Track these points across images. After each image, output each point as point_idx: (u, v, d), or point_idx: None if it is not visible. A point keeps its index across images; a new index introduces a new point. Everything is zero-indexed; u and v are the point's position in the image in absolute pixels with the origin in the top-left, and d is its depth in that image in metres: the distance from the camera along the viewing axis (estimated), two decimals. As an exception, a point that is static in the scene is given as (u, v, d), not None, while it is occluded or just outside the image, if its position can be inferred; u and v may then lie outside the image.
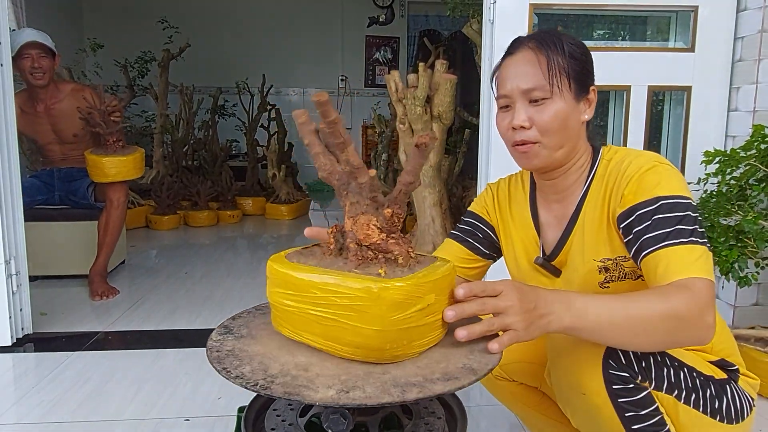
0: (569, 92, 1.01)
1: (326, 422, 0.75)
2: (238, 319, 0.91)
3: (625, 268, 1.03)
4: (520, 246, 1.18)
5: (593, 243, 1.04)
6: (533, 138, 1.02)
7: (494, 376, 1.22)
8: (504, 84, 1.04)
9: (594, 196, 1.05)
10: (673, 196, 0.93)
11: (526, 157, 1.04)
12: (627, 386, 0.91)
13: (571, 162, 1.07)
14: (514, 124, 1.02)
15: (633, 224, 0.94)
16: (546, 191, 1.13)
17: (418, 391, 0.68)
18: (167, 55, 4.99)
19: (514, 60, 1.03)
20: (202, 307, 2.58)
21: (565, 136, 1.02)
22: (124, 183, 2.78)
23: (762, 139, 1.70)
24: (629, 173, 0.98)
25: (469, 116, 4.00)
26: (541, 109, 1.00)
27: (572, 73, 1.01)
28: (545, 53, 1.00)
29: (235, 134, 5.99)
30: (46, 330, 2.27)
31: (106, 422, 1.56)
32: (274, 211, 4.94)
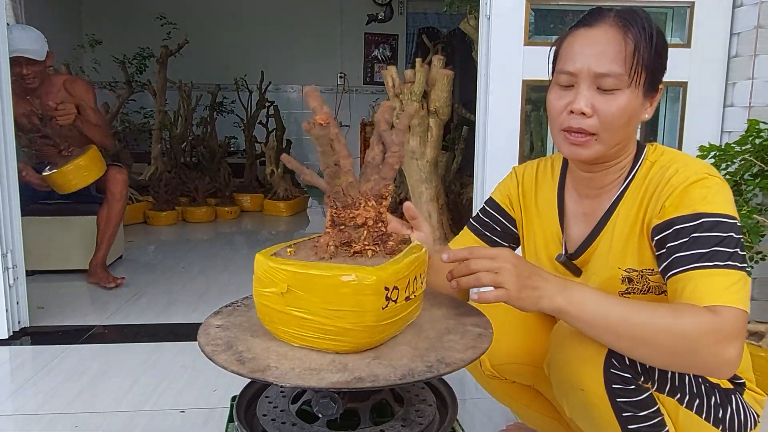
0: (642, 87, 0.90)
1: (316, 406, 0.75)
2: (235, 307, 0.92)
3: (650, 281, 0.96)
4: (541, 240, 1.12)
5: (620, 249, 0.97)
6: (591, 128, 0.91)
7: (487, 376, 1.19)
8: (572, 59, 0.91)
9: (631, 198, 0.97)
10: (717, 213, 0.85)
11: (578, 147, 0.94)
12: (628, 387, 0.89)
13: (617, 159, 0.98)
14: (574, 108, 0.90)
15: (668, 238, 0.87)
16: (580, 184, 1.05)
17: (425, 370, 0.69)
18: (165, 51, 4.98)
19: (591, 34, 0.90)
20: (199, 301, 2.58)
21: (625, 133, 0.93)
22: (124, 174, 2.79)
23: (757, 134, 1.70)
24: (674, 183, 0.90)
25: (467, 113, 4.00)
26: (610, 100, 0.89)
27: (651, 66, 0.89)
28: (633, 37, 0.87)
29: (233, 131, 5.98)
30: (42, 323, 2.28)
31: (102, 413, 1.57)
32: (272, 207, 4.94)
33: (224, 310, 0.93)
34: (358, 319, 0.69)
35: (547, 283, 0.81)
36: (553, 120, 0.96)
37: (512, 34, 2.06)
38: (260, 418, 0.83)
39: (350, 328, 0.70)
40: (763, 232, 1.65)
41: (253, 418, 0.87)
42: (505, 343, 1.13)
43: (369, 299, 0.69)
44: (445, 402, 0.91)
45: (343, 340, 0.71)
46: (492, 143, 2.12)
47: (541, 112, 2.59)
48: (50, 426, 1.50)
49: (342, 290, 0.68)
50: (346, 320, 0.69)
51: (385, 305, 0.70)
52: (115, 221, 2.79)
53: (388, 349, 0.76)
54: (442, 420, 0.86)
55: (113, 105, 4.82)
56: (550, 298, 0.80)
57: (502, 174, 2.13)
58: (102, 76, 5.43)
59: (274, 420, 0.83)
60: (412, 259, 0.76)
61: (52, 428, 1.49)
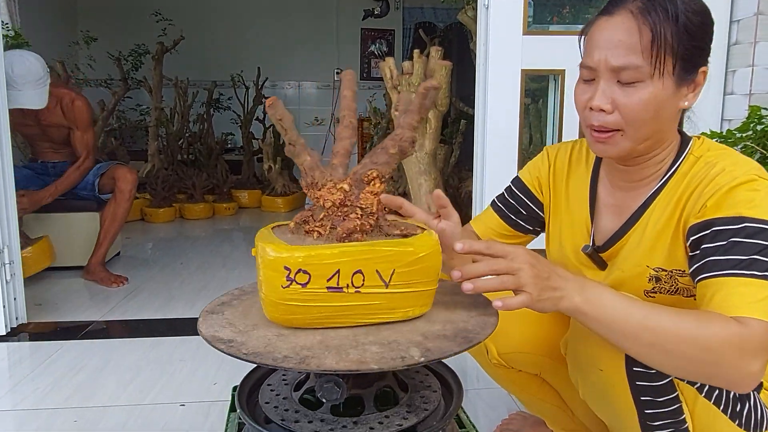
0: (671, 75, 0.83)
1: (320, 391, 0.74)
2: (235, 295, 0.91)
3: (679, 282, 0.91)
4: (568, 229, 1.06)
5: (650, 246, 0.92)
6: (614, 125, 0.86)
7: (493, 364, 1.17)
8: (591, 52, 0.86)
9: (669, 194, 0.91)
10: (763, 220, 0.78)
11: (602, 144, 0.89)
12: (649, 371, 0.85)
13: (653, 152, 0.91)
14: (593, 105, 0.85)
15: (704, 240, 0.81)
16: (614, 175, 0.99)
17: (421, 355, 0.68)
18: (161, 48, 4.95)
19: (609, 24, 0.85)
20: (198, 296, 2.57)
21: (655, 127, 0.86)
22: (134, 174, 2.78)
23: (758, 120, 1.69)
24: (719, 182, 0.83)
25: (466, 107, 3.99)
26: (631, 93, 0.83)
27: (681, 51, 0.82)
28: (650, 24, 0.81)
29: (230, 128, 5.96)
30: (40, 320, 2.26)
31: (101, 408, 1.55)
32: (270, 203, 4.92)
33: (223, 299, 0.91)
34: (266, 292, 0.73)
35: (566, 283, 0.77)
36: (579, 115, 0.92)
37: (511, 24, 2.05)
38: (263, 405, 0.82)
39: (263, 299, 0.75)
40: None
41: (256, 406, 0.85)
42: (513, 332, 1.12)
43: (270, 274, 0.71)
44: (450, 388, 0.90)
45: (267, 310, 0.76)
46: (492, 133, 2.11)
47: (539, 105, 2.58)
48: (50, 421, 1.49)
49: (260, 262, 0.73)
50: (263, 291, 0.74)
51: (286, 285, 0.70)
52: (120, 219, 2.78)
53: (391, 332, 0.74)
54: (447, 406, 0.85)
55: (109, 102, 4.79)
56: (570, 298, 0.76)
57: (503, 161, 2.14)
58: (97, 73, 5.39)
59: (277, 407, 0.81)
60: (366, 250, 0.72)
61: (52, 423, 1.48)
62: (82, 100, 2.73)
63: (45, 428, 1.45)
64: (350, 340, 0.72)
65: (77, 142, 2.75)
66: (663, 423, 0.89)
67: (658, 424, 0.90)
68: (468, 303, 0.87)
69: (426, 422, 0.79)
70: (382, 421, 0.77)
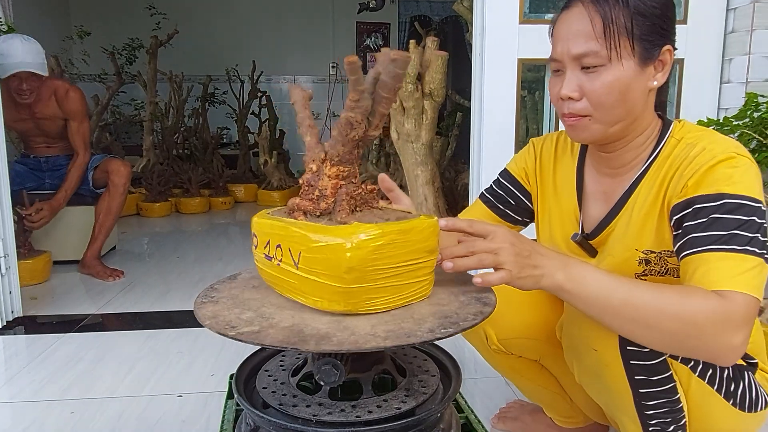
0: (631, 56, 0.86)
1: (318, 373, 0.73)
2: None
3: (668, 263, 0.93)
4: (557, 218, 1.08)
5: (638, 230, 0.94)
6: (583, 111, 0.89)
7: (493, 351, 1.17)
8: (555, 45, 0.92)
9: (652, 177, 0.93)
10: (741, 196, 0.80)
11: (573, 130, 0.92)
12: (643, 349, 0.87)
13: (631, 136, 0.93)
14: (562, 95, 0.90)
15: (686, 218, 0.83)
16: (599, 162, 1.01)
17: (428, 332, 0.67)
18: (155, 42, 4.92)
19: (567, 17, 0.90)
20: (195, 289, 2.55)
21: (624, 109, 0.88)
22: (128, 167, 2.77)
23: (755, 108, 1.69)
24: (699, 161, 0.85)
25: (462, 99, 3.98)
26: (593, 78, 0.87)
27: (638, 32, 0.85)
28: (601, 11, 0.86)
29: (225, 122, 5.94)
30: (36, 313, 2.25)
31: (98, 400, 1.55)
32: (266, 197, 4.91)
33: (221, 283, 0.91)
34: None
35: (548, 260, 0.79)
36: (555, 107, 0.96)
37: (507, 13, 2.04)
38: (260, 390, 0.82)
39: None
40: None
41: (253, 392, 0.85)
42: (512, 318, 1.12)
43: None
44: (448, 373, 0.90)
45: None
46: (488, 124, 2.10)
47: (536, 97, 2.57)
48: (46, 412, 1.48)
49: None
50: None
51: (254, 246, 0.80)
52: (114, 213, 2.77)
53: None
54: (446, 390, 0.85)
55: (103, 97, 4.76)
56: (551, 276, 0.78)
57: (501, 148, 2.13)
58: (91, 68, 5.36)
59: (275, 392, 0.81)
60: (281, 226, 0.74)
61: (48, 414, 1.47)
62: (76, 91, 2.74)
63: (41, 420, 1.44)
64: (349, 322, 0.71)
65: (74, 133, 2.74)
66: (658, 402, 0.90)
67: (652, 403, 0.91)
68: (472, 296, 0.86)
69: (424, 405, 0.79)
70: (380, 404, 0.77)
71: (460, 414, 0.93)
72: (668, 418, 0.92)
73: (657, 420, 0.92)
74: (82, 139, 2.76)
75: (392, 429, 0.74)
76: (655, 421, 0.93)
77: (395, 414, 0.75)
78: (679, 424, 0.93)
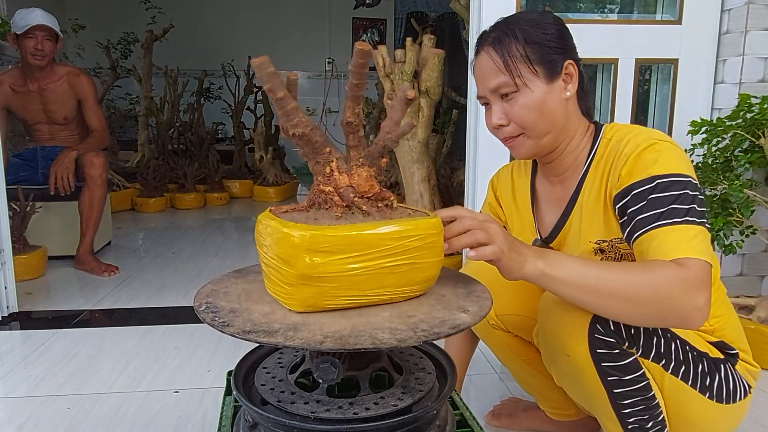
0: (537, 78, 0.98)
1: (316, 371, 0.74)
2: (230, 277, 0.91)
3: (620, 249, 1.01)
4: (520, 232, 1.18)
5: (589, 224, 1.03)
6: (514, 132, 1.01)
7: (491, 326, 1.24)
8: (477, 85, 1.05)
9: (593, 176, 1.02)
10: (670, 174, 0.89)
11: (514, 149, 1.04)
12: (612, 351, 0.92)
13: (563, 144, 1.04)
14: (493, 124, 1.02)
15: (628, 204, 0.92)
16: (547, 172, 1.12)
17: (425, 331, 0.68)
18: (150, 36, 4.90)
19: (478, 62, 1.03)
20: (190, 285, 2.56)
21: (547, 122, 1.00)
22: (102, 158, 2.75)
23: (748, 108, 1.71)
24: (626, 152, 0.95)
25: (458, 97, 3.99)
26: (513, 103, 0.99)
27: (534, 57, 0.98)
28: (499, 51, 0.99)
29: (221, 117, 5.92)
30: (31, 308, 2.25)
31: (94, 395, 1.55)
32: (262, 193, 4.91)
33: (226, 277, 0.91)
34: None
35: (528, 249, 0.86)
36: (494, 135, 1.07)
37: (504, 11, 2.04)
38: (259, 387, 0.83)
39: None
40: (753, 207, 1.66)
41: (251, 389, 0.86)
42: (510, 295, 1.18)
43: None
44: (444, 371, 0.91)
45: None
46: (484, 128, 2.10)
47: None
48: (42, 408, 1.48)
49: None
50: None
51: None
52: (97, 206, 2.75)
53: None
54: (442, 388, 0.86)
55: (98, 91, 4.73)
56: (533, 263, 0.84)
57: (494, 158, 2.14)
58: (86, 61, 5.33)
59: (273, 389, 0.82)
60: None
61: (45, 410, 1.47)
62: (87, 75, 2.87)
63: (38, 415, 1.45)
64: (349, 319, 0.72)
65: (90, 114, 2.84)
66: (633, 401, 0.95)
67: (628, 402, 0.95)
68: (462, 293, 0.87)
69: (421, 403, 0.80)
70: (377, 401, 0.78)
71: (455, 411, 0.94)
72: (645, 415, 0.96)
73: (635, 417, 0.96)
74: (98, 119, 2.85)
75: (389, 426, 0.75)
76: (634, 419, 0.96)
77: (392, 411, 0.76)
78: (658, 420, 0.97)
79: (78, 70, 2.87)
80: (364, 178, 0.79)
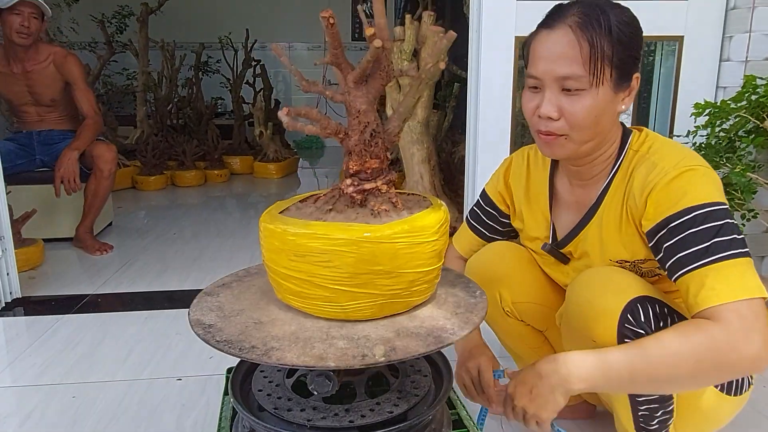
0: (609, 82, 0.90)
1: (311, 384, 0.75)
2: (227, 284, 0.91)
3: (642, 268, 0.99)
4: (530, 229, 1.14)
5: (613, 242, 0.99)
6: (560, 130, 0.92)
7: (505, 312, 1.22)
8: (536, 63, 0.92)
9: (616, 189, 0.98)
10: (705, 204, 0.84)
11: (549, 147, 0.96)
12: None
13: (598, 152, 0.99)
14: (541, 113, 0.92)
15: (663, 239, 0.87)
16: (570, 174, 1.07)
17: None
18: (146, 9, 4.80)
19: (551, 37, 0.90)
20: (192, 266, 2.57)
21: (596, 130, 0.93)
22: (113, 152, 2.74)
23: (753, 90, 1.67)
24: (652, 179, 0.90)
25: (459, 70, 3.92)
26: (574, 101, 0.90)
27: (617, 60, 0.88)
28: (588, 37, 0.87)
29: (220, 91, 5.86)
30: (35, 294, 2.27)
31: (99, 383, 1.58)
32: (263, 169, 4.89)
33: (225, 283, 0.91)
34: None
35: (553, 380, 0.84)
36: (528, 121, 0.98)
37: (504, -12, 1.99)
38: (256, 393, 0.84)
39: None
40: (755, 190, 1.64)
41: (249, 393, 0.87)
42: (525, 282, 1.17)
43: None
44: (440, 372, 0.92)
45: None
46: (484, 101, 2.08)
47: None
48: (48, 397, 1.51)
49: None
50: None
51: None
52: (102, 196, 2.77)
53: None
54: (438, 390, 0.87)
55: (94, 67, 4.68)
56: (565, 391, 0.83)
57: (495, 135, 2.11)
58: (81, 36, 5.25)
59: (270, 395, 0.83)
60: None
61: (51, 399, 1.50)
62: (75, 56, 2.77)
63: (44, 405, 1.47)
64: (322, 333, 0.72)
65: (80, 98, 2.75)
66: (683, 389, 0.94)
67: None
68: (459, 299, 0.87)
69: (416, 409, 0.81)
70: (373, 408, 0.79)
71: (451, 410, 0.95)
72: (656, 404, 0.97)
73: (647, 406, 0.97)
74: (89, 103, 2.75)
75: (385, 433, 0.76)
76: (645, 407, 0.97)
77: (387, 419, 0.77)
78: (668, 409, 0.98)
79: (65, 50, 2.76)
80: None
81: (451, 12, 5.09)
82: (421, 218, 0.74)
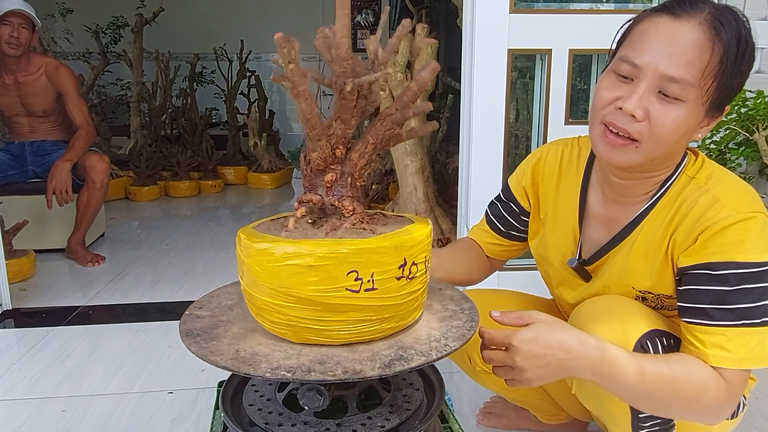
0: (707, 104, 0.79)
1: (302, 399, 0.74)
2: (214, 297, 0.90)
3: (665, 302, 0.92)
4: (552, 237, 1.03)
5: (639, 269, 0.90)
6: (636, 134, 0.79)
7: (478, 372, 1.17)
8: (641, 50, 0.78)
9: (660, 214, 0.88)
10: (752, 263, 0.78)
11: (612, 151, 0.82)
12: None
13: (655, 172, 0.88)
14: (625, 107, 0.78)
15: (695, 280, 0.81)
16: (609, 186, 0.94)
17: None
18: (140, 19, 4.81)
19: (673, 27, 0.77)
20: (185, 278, 2.56)
21: (669, 149, 0.81)
22: (106, 163, 2.73)
23: (743, 103, 1.69)
24: (709, 218, 0.80)
25: (453, 81, 3.95)
26: (668, 109, 0.77)
27: (729, 85, 0.78)
28: (721, 47, 0.75)
29: (214, 102, 5.86)
30: (25, 305, 2.25)
31: (90, 396, 1.56)
32: (257, 180, 4.88)
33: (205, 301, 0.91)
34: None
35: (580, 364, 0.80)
36: (596, 110, 0.83)
37: (497, 2, 2.01)
38: (246, 408, 0.83)
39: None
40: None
41: (240, 407, 0.86)
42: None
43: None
44: (432, 385, 0.91)
45: None
46: (478, 113, 2.09)
47: (526, 80, 2.56)
48: (38, 410, 1.49)
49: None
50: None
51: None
52: (94, 207, 2.76)
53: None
54: (430, 404, 0.87)
55: (88, 77, 4.67)
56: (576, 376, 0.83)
57: (488, 146, 2.13)
58: (75, 46, 5.25)
59: (261, 410, 0.82)
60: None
61: (40, 412, 1.48)
62: (67, 67, 2.77)
63: (34, 418, 1.46)
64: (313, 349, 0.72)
65: (72, 109, 2.74)
66: (654, 423, 0.91)
67: (649, 423, 0.91)
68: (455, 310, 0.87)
69: (408, 423, 0.81)
70: (364, 422, 0.78)
71: (444, 424, 0.95)
72: (658, 428, 0.93)
73: (647, 431, 0.93)
74: (81, 114, 2.75)
75: (376, 449, 0.75)
76: (646, 431, 0.93)
77: (379, 433, 0.76)
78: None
79: (57, 62, 2.77)
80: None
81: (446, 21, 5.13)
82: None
